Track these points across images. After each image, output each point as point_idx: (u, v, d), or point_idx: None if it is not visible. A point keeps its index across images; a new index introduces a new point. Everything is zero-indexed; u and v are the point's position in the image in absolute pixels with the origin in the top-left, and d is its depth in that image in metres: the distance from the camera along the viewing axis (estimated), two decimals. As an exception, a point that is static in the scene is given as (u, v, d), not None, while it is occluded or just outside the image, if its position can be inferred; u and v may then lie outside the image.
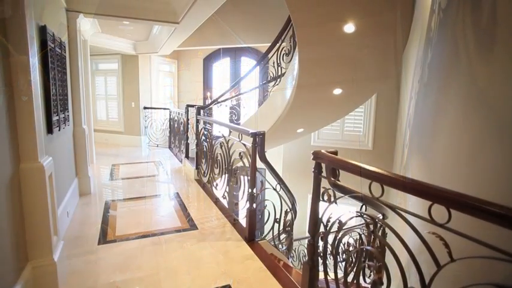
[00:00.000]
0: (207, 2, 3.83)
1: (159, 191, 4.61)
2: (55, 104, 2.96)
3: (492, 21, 1.51)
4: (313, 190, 1.84)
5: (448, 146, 2.03)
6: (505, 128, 1.31)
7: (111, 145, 8.20)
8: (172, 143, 7.74)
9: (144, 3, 4.61)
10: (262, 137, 2.85)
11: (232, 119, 5.37)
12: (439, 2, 2.58)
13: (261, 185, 3.14)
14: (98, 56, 8.04)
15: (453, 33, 2.09)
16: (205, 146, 4.53)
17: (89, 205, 3.87)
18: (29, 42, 2.02)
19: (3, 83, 1.88)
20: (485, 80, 1.55)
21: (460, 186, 1.71)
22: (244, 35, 6.74)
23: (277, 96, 4.32)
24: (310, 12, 2.89)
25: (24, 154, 2.05)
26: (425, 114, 2.81)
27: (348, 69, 3.54)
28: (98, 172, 5.48)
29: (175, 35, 5.75)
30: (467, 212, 0.98)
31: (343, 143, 6.23)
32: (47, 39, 2.72)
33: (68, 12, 4.05)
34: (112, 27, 6.19)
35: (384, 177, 1.32)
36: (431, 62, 2.69)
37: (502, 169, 1.30)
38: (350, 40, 3.08)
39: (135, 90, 8.10)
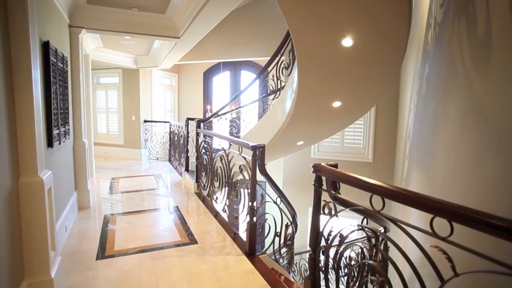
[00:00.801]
0: (207, 17, 3.91)
1: (158, 204, 4.58)
2: (56, 118, 2.97)
3: (487, 35, 1.53)
4: (314, 203, 1.82)
5: (447, 158, 2.03)
6: (503, 140, 1.31)
7: (111, 158, 8.20)
8: (172, 156, 7.74)
9: (145, 18, 4.70)
10: (262, 150, 2.85)
11: (232, 132, 5.39)
12: (435, 16, 2.63)
13: (262, 198, 3.12)
14: (99, 70, 8.14)
15: (449, 46, 2.12)
16: (205, 159, 4.53)
17: (87, 219, 3.84)
18: (32, 58, 2.05)
19: (6, 97, 1.89)
20: (482, 93, 1.57)
21: (461, 198, 1.70)
22: (244, 48, 6.84)
23: (277, 109, 4.35)
24: (309, 27, 2.94)
25: (24, 168, 2.05)
26: (424, 126, 2.82)
27: (347, 82, 3.58)
28: (98, 186, 5.46)
29: (176, 50, 5.83)
30: (469, 225, 0.97)
31: (343, 155, 6.23)
32: (50, 54, 2.76)
33: (70, 28, 4.13)
34: (114, 42, 6.29)
35: (385, 190, 1.32)
36: (429, 74, 2.72)
37: (501, 181, 1.30)
38: (348, 53, 3.12)
39: (136, 104, 8.16)
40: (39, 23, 2.40)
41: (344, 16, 2.80)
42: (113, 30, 4.68)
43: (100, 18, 4.46)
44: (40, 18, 2.55)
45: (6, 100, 1.89)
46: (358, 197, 1.56)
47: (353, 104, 3.97)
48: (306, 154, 6.42)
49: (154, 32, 4.87)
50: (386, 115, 5.85)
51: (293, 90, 3.65)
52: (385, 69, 3.35)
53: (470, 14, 1.76)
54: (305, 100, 3.60)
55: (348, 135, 6.24)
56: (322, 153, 6.41)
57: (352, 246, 1.96)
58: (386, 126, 5.86)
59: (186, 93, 9.46)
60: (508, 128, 1.28)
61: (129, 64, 7.75)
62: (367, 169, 6.02)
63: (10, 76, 1.96)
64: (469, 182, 1.64)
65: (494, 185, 1.37)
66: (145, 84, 8.23)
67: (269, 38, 6.19)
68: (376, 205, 1.41)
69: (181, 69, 9.37)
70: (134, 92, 8.15)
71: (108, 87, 8.44)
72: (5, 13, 1.93)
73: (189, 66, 9.07)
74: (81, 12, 4.24)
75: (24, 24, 1.99)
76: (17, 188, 1.99)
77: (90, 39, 5.51)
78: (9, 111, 1.93)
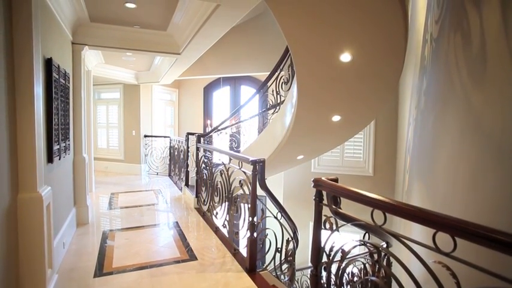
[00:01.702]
0: (207, 34, 3.99)
1: (158, 220, 4.53)
2: (56, 134, 2.98)
3: (482, 50, 1.56)
4: (315, 218, 1.81)
5: (447, 172, 2.02)
6: (503, 153, 1.31)
7: (111, 173, 8.17)
8: (172, 171, 7.72)
9: (146, 35, 4.79)
10: (262, 164, 2.84)
11: (232, 147, 5.39)
12: (431, 32, 2.68)
13: (262, 213, 3.09)
14: (101, 86, 8.24)
15: (446, 61, 2.15)
16: (205, 173, 4.51)
17: (86, 235, 3.79)
18: (35, 74, 2.08)
19: (7, 113, 1.91)
20: (480, 107, 1.58)
21: (462, 212, 1.69)
22: (244, 64, 6.94)
23: (276, 123, 4.37)
24: (308, 43, 3.00)
25: (23, 183, 2.04)
26: (423, 139, 2.83)
27: (346, 97, 3.61)
28: (97, 201, 5.42)
29: (176, 65, 5.91)
30: (473, 240, 0.96)
31: (344, 169, 6.21)
32: (52, 71, 2.80)
33: (73, 45, 4.20)
34: (115, 58, 6.39)
35: (386, 204, 1.31)
36: (427, 89, 2.75)
37: (502, 194, 1.29)
38: (347, 68, 3.16)
39: (136, 119, 8.21)
40: (43, 40, 2.44)
41: (342, 33, 2.86)
42: (115, 47, 4.77)
43: (102, 35, 4.55)
44: (44, 35, 2.60)
45: (8, 116, 1.91)
46: (360, 211, 1.55)
47: (352, 117, 4.00)
48: (306, 168, 6.40)
49: (156, 48, 4.96)
50: (386, 128, 5.87)
51: (293, 105, 3.68)
52: (383, 83, 3.38)
53: (465, 29, 1.79)
54: (305, 114, 3.62)
55: (348, 149, 6.24)
56: (323, 167, 6.39)
57: (355, 262, 1.92)
58: (386, 139, 5.88)
59: (186, 108, 9.53)
60: (507, 141, 1.29)
61: (130, 80, 7.84)
62: (368, 183, 5.99)
63: (13, 92, 1.99)
64: (469, 195, 1.63)
65: (495, 198, 1.36)
66: (146, 100, 8.30)
67: (268, 53, 6.29)
68: (377, 220, 1.40)
69: (182, 85, 9.47)
70: (135, 107, 8.21)
71: (109, 102, 8.51)
72: (10, 30, 1.97)
73: (190, 81, 9.17)
74: (84, 30, 4.32)
75: (28, 41, 2.03)
76: (15, 204, 1.98)
77: (92, 55, 5.60)
78: (10, 127, 1.94)
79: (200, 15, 3.66)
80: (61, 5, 3.30)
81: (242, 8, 3.06)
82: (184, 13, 3.98)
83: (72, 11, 3.78)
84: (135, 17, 4.21)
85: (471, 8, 1.73)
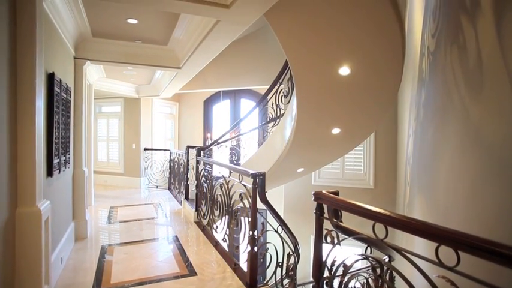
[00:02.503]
0: (207, 49, 4.04)
1: (157, 234, 4.47)
2: (57, 147, 2.99)
3: (478, 63, 1.58)
4: (316, 232, 1.79)
5: (448, 184, 2.01)
6: (503, 165, 1.31)
7: (110, 187, 8.13)
8: (172, 184, 7.68)
9: (148, 50, 4.86)
10: (262, 177, 2.83)
11: (233, 160, 5.38)
12: (428, 45, 2.72)
13: (262, 227, 3.06)
14: (101, 99, 8.29)
15: (443, 74, 2.17)
16: (205, 187, 4.49)
17: (84, 250, 3.73)
18: (37, 89, 2.10)
19: (8, 126, 1.91)
20: (478, 119, 1.59)
21: (464, 225, 1.67)
22: (244, 77, 7.01)
23: (276, 136, 4.38)
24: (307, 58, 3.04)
25: (22, 198, 2.02)
26: (424, 152, 2.82)
27: (346, 109, 3.63)
28: (96, 215, 5.37)
29: (177, 79, 5.97)
30: (477, 254, 0.95)
31: (344, 181, 6.18)
32: (54, 85, 2.83)
33: (75, 60, 4.26)
34: (116, 72, 6.46)
35: (387, 217, 1.30)
36: (426, 101, 2.77)
37: (503, 205, 1.28)
38: (346, 81, 3.19)
39: (137, 132, 8.23)
40: (45, 55, 2.48)
41: (341, 47, 2.90)
42: (116, 62, 4.83)
43: (104, 50, 4.61)
44: (47, 50, 2.64)
45: (9, 129, 1.91)
46: (361, 225, 1.53)
47: (352, 130, 4.01)
48: (307, 181, 6.37)
49: (156, 62, 5.02)
50: (386, 140, 5.88)
51: (292, 118, 3.70)
52: (382, 96, 3.41)
53: (461, 43, 1.82)
54: (304, 127, 3.64)
55: (348, 161, 6.23)
56: (323, 179, 6.36)
57: (357, 277, 1.89)
58: (387, 151, 5.87)
59: (187, 121, 9.57)
60: (506, 153, 1.28)
61: (130, 93, 7.90)
62: (369, 195, 5.95)
63: (14, 106, 2.00)
64: (470, 207, 1.62)
65: (495, 209, 1.35)
66: (147, 113, 8.35)
67: (268, 67, 6.36)
68: (379, 233, 1.38)
69: (182, 98, 9.54)
70: (135, 121, 8.25)
71: (109, 115, 8.56)
72: (14, 45, 2.00)
73: (190, 94, 9.24)
74: (86, 45, 4.39)
75: (31, 56, 2.06)
76: (13, 218, 1.96)
77: (93, 69, 5.66)
78: (11, 140, 1.95)
79: (201, 30, 3.73)
80: (64, 20, 3.37)
81: (242, 24, 3.12)
82: (185, 28, 4.05)
83: (75, 26, 3.85)
84: (136, 32, 4.29)
85: (466, 22, 1.76)
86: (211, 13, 2.91)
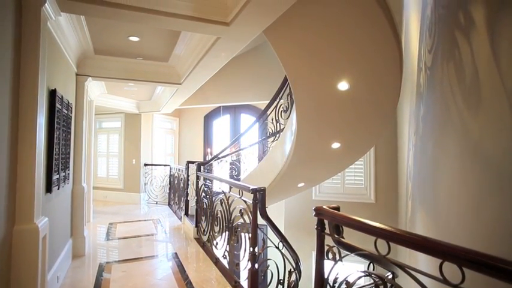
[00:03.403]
0: (207, 65, 4.10)
1: (156, 251, 4.41)
2: (57, 163, 2.98)
3: (475, 77, 1.60)
4: (317, 248, 1.76)
5: (450, 199, 2.00)
6: (503, 179, 1.30)
7: (109, 202, 8.06)
8: (171, 199, 7.62)
9: (149, 67, 4.93)
10: (262, 193, 2.81)
11: (233, 175, 5.36)
12: (425, 61, 2.76)
13: (263, 243, 3.01)
14: (102, 115, 8.34)
15: (441, 88, 2.20)
16: (205, 202, 4.45)
17: (81, 268, 3.67)
18: (39, 105, 2.12)
19: (9, 142, 1.92)
20: (477, 133, 1.59)
21: (467, 240, 1.65)
22: (244, 93, 7.07)
23: (276, 151, 4.38)
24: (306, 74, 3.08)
25: (20, 215, 2.01)
26: (424, 166, 2.82)
27: (345, 124, 3.65)
28: (94, 231, 5.30)
29: (177, 95, 6.03)
30: (482, 271, 0.93)
31: (345, 196, 6.13)
32: (56, 102, 2.86)
33: (77, 76, 4.31)
34: (117, 88, 6.53)
35: (389, 233, 1.28)
36: (425, 115, 2.78)
37: (504, 219, 1.26)
38: (345, 96, 3.22)
39: (137, 148, 8.23)
40: (48, 72, 2.51)
41: (339, 64, 2.94)
42: (117, 78, 4.89)
43: (106, 67, 4.68)
44: (50, 67, 2.68)
45: (9, 145, 1.92)
46: (363, 240, 1.51)
47: (352, 144, 4.01)
48: (307, 196, 6.33)
49: (157, 79, 5.08)
50: (386, 154, 5.87)
51: (292, 133, 3.71)
52: (381, 110, 3.43)
53: (457, 58, 1.85)
54: (304, 142, 3.64)
55: (348, 175, 6.21)
56: (324, 194, 6.32)
57: (360, 295, 1.85)
58: (387, 165, 5.86)
59: (187, 136, 9.59)
60: (506, 167, 1.28)
61: (131, 109, 7.96)
62: (370, 210, 5.89)
63: (16, 121, 2.01)
64: (473, 221, 1.60)
65: (497, 224, 1.33)
66: (147, 128, 8.38)
67: (268, 82, 6.43)
68: (381, 249, 1.36)
69: (182, 113, 9.60)
70: (135, 136, 8.27)
71: (109, 131, 8.58)
72: (18, 63, 2.03)
73: (190, 110, 9.30)
74: (88, 62, 4.46)
75: (34, 73, 2.09)
76: (10, 236, 1.93)
77: (95, 85, 5.72)
78: (11, 156, 1.95)
79: (201, 47, 3.79)
80: (67, 39, 3.43)
81: (241, 40, 3.17)
82: (186, 45, 4.12)
83: (78, 44, 3.92)
84: (138, 49, 4.36)
85: (461, 37, 1.80)
86: (212, 31, 2.98)
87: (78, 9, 2.64)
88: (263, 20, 2.61)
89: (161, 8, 2.64)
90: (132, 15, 2.66)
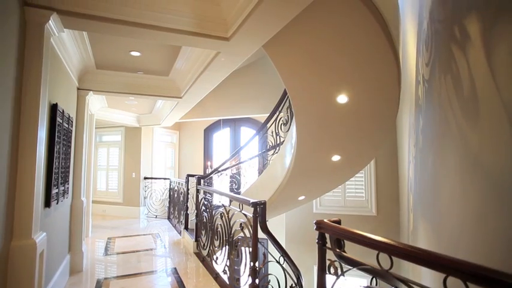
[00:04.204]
0: (208, 79, 4.14)
1: (155, 266, 4.33)
2: (56, 177, 2.97)
3: (472, 91, 1.61)
4: (318, 263, 1.73)
5: (451, 212, 1.98)
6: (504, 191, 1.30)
7: (108, 217, 7.99)
8: (171, 213, 7.56)
9: (149, 81, 4.98)
10: (263, 206, 2.79)
11: (233, 188, 5.34)
12: (422, 73, 2.80)
13: (264, 257, 2.97)
14: (102, 129, 8.36)
15: (439, 101, 2.21)
16: (205, 216, 4.41)
17: (79, 284, 3.60)
18: (40, 120, 2.13)
19: (10, 157, 1.92)
20: (477, 146, 1.59)
21: (469, 253, 1.62)
22: (244, 106, 7.12)
23: (276, 164, 4.37)
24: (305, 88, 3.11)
25: (18, 230, 1.98)
26: (424, 178, 2.81)
27: (345, 137, 3.66)
28: (93, 246, 5.23)
29: (177, 108, 6.07)
30: (487, 286, 0.91)
31: (346, 209, 6.08)
32: (57, 116, 2.87)
33: (79, 91, 4.35)
34: (118, 102, 6.57)
35: (391, 247, 1.26)
36: (424, 127, 2.79)
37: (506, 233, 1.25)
38: (344, 109, 3.25)
39: (137, 161, 8.22)
40: (50, 86, 2.54)
41: (338, 77, 2.98)
42: (118, 92, 4.93)
43: (107, 81, 4.73)
44: (52, 82, 2.70)
45: (10, 159, 1.91)
46: (365, 254, 1.49)
47: (352, 157, 4.01)
48: (308, 209, 6.28)
49: (158, 92, 5.13)
50: (387, 167, 5.86)
51: (292, 146, 3.71)
52: (380, 122, 3.45)
53: (454, 71, 1.87)
54: (304, 155, 3.64)
55: (349, 188, 6.17)
56: (325, 207, 6.27)
57: (363, 311, 1.81)
58: (388, 177, 5.83)
59: (187, 149, 9.60)
60: (506, 180, 1.28)
61: (131, 122, 7.99)
62: (372, 223, 5.83)
63: (17, 136, 2.02)
64: (476, 236, 1.58)
65: (502, 238, 1.31)
66: (147, 142, 8.39)
67: (267, 95, 6.49)
68: (384, 263, 1.34)
69: (182, 127, 9.63)
70: (136, 150, 8.27)
71: (110, 145, 8.59)
72: (21, 78, 2.05)
73: (190, 123, 9.34)
74: (90, 76, 4.50)
75: (36, 89, 2.11)
76: (7, 251, 1.90)
77: (96, 99, 5.77)
78: (11, 171, 1.94)
79: (201, 61, 3.84)
80: (70, 54, 3.48)
81: (241, 55, 3.22)
82: (186, 60, 4.18)
83: (80, 59, 3.97)
84: (139, 64, 4.42)
85: (458, 52, 1.82)
86: (212, 45, 3.02)
87: (81, 26, 2.69)
88: (262, 35, 2.66)
89: (162, 23, 2.69)
90: (134, 31, 2.71)
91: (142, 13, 2.61)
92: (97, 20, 2.51)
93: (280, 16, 2.35)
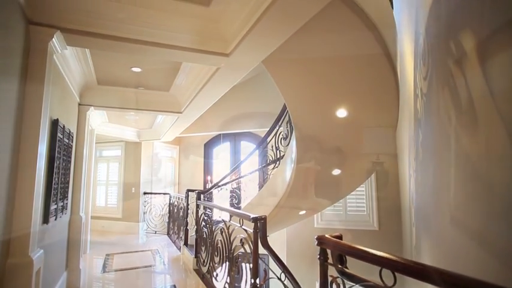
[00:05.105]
0: (208, 94, 4.18)
1: (154, 283, 4.25)
2: (55, 193, 2.95)
3: (470, 105, 1.62)
4: (320, 279, 1.70)
5: (455, 226, 1.96)
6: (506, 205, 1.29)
7: (107, 232, 7.89)
8: (171, 229, 7.46)
9: (150, 96, 5.03)
10: (263, 221, 2.76)
11: (233, 203, 5.29)
12: (420, 87, 2.82)
13: (264, 273, 2.91)
14: (102, 144, 8.37)
15: (438, 114, 2.22)
16: (205, 232, 4.36)
17: (76, 303, 3.52)
18: (40, 135, 2.14)
19: (9, 172, 1.91)
20: (477, 159, 1.59)
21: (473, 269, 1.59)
22: (243, 121, 7.15)
23: (277, 178, 4.35)
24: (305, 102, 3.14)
25: (15, 248, 1.96)
26: (426, 192, 2.79)
27: (345, 151, 3.66)
28: (91, 263, 5.14)
29: (178, 123, 6.10)
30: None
31: (348, 223, 6.01)
32: (57, 131, 2.88)
33: (80, 106, 4.38)
34: (119, 117, 6.61)
35: (394, 263, 1.24)
36: (423, 141, 2.80)
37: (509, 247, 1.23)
38: (343, 123, 3.26)
39: (137, 176, 8.19)
40: (51, 102, 2.56)
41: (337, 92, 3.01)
42: (120, 107, 4.97)
43: (108, 96, 4.77)
44: (53, 97, 2.73)
45: (9, 174, 1.91)
46: (368, 269, 1.46)
47: (352, 171, 4.00)
48: (309, 224, 6.21)
49: (158, 108, 5.17)
50: (387, 180, 5.82)
51: (292, 160, 3.71)
52: (379, 135, 3.46)
53: (452, 86, 1.89)
54: (305, 169, 3.63)
55: (350, 202, 6.12)
56: (326, 222, 6.20)
57: (367, 330, 1.76)
58: (388, 191, 5.79)
59: (187, 164, 9.57)
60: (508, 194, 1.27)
61: (132, 137, 8.01)
62: (374, 237, 5.75)
63: (17, 151, 2.02)
64: (480, 251, 1.56)
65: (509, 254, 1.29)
66: (147, 156, 8.38)
67: (267, 110, 6.53)
68: (387, 279, 1.31)
69: (182, 141, 9.64)
70: (135, 164, 8.25)
71: (110, 160, 8.58)
72: (23, 94, 2.07)
73: (190, 138, 9.35)
74: (91, 92, 4.55)
75: (38, 103, 2.13)
76: (3, 269, 1.87)
77: (97, 115, 5.80)
78: (10, 186, 1.93)
79: (201, 77, 3.89)
80: (72, 70, 3.53)
81: (241, 70, 3.26)
82: (187, 75, 4.23)
83: (82, 75, 4.02)
84: (140, 80, 4.47)
85: (454, 66, 1.85)
86: (212, 61, 3.07)
87: (84, 43, 2.74)
88: (261, 51, 2.71)
89: (163, 40, 2.75)
90: (135, 48, 2.76)
91: (144, 30, 2.66)
92: (99, 38, 2.55)
93: (279, 33, 2.39)
